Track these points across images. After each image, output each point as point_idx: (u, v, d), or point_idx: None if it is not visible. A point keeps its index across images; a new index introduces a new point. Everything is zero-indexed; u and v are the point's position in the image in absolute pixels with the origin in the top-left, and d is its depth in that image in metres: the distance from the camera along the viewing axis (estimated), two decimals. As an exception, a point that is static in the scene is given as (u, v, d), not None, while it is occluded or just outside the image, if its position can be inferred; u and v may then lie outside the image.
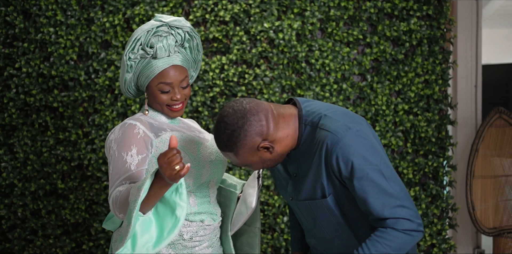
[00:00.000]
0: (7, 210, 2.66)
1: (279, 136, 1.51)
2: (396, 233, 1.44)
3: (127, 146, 1.62)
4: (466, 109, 3.39)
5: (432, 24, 2.66)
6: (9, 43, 2.67)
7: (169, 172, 1.38)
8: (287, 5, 2.65)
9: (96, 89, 2.65)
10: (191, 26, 1.72)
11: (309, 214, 1.59)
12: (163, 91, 1.66)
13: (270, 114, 1.50)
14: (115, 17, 2.63)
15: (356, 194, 1.47)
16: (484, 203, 3.02)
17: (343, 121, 1.49)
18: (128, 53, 1.65)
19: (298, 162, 1.58)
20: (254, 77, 2.66)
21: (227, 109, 1.49)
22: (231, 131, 1.47)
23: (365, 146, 1.46)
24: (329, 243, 1.62)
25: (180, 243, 1.69)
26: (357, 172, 1.44)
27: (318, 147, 1.49)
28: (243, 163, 1.53)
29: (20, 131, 2.65)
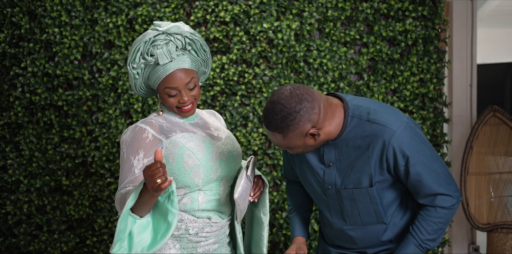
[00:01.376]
0: (13, 206, 2.72)
1: (325, 125, 1.62)
2: (444, 210, 1.67)
3: (135, 150, 1.68)
4: (461, 107, 3.45)
5: (427, 24, 2.73)
6: (15, 43, 2.74)
7: (151, 184, 1.46)
8: (286, 6, 2.72)
9: (100, 88, 2.72)
10: (191, 30, 1.73)
11: (349, 202, 1.71)
12: (170, 95, 1.71)
13: (322, 104, 1.59)
14: (118, 17, 2.70)
15: (410, 178, 1.64)
16: (478, 199, 3.08)
17: (392, 115, 1.64)
18: (131, 64, 1.70)
19: (337, 152, 1.68)
20: (253, 76, 2.73)
21: (284, 92, 1.56)
22: (287, 114, 1.55)
23: (414, 136, 1.63)
24: (361, 229, 1.75)
25: (185, 237, 1.74)
26: (412, 160, 1.62)
27: (371, 140, 1.62)
28: (286, 145, 1.62)
29: (26, 129, 2.72)
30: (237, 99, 2.71)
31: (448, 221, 1.69)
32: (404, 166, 1.63)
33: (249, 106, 2.73)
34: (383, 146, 1.61)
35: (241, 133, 2.72)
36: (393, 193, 1.72)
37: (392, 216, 1.74)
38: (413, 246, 1.68)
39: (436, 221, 1.67)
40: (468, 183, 3.07)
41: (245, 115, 2.72)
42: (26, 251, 2.73)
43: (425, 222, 1.68)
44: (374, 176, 1.65)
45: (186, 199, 1.74)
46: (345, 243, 1.82)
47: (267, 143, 2.75)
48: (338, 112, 1.64)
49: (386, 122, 1.62)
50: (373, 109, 1.65)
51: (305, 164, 1.75)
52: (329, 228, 1.83)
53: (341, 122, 1.64)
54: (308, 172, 1.75)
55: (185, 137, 1.72)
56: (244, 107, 2.73)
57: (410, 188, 1.70)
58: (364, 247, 1.80)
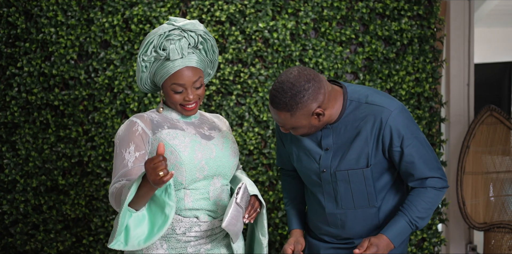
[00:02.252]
0: (9, 205, 2.73)
1: (329, 106, 1.69)
2: (435, 191, 1.74)
3: (126, 143, 1.70)
4: (458, 107, 3.45)
5: (422, 23, 2.73)
6: (11, 43, 2.74)
7: (153, 177, 1.47)
8: (282, 6, 2.72)
9: (96, 88, 2.72)
10: (205, 30, 1.74)
11: (344, 184, 1.76)
12: (176, 92, 1.71)
13: (326, 86, 1.67)
14: (114, 17, 2.70)
15: (403, 159, 1.72)
16: (475, 198, 3.08)
17: (389, 98, 1.73)
18: (142, 56, 1.70)
19: (335, 135, 1.74)
20: (249, 76, 2.73)
21: (292, 72, 1.63)
22: (296, 92, 1.60)
23: (410, 119, 1.73)
24: (352, 213, 1.80)
25: (173, 237, 1.73)
26: (406, 141, 1.70)
27: (369, 120, 1.70)
28: (292, 124, 1.66)
29: (22, 129, 2.73)
30: (233, 99, 2.71)
31: (436, 202, 1.76)
32: (399, 147, 1.70)
33: (244, 105, 2.73)
34: (380, 125, 1.68)
35: (237, 132, 2.72)
36: (385, 177, 1.78)
37: (382, 201, 1.80)
38: (404, 222, 1.73)
39: (426, 200, 1.73)
40: (464, 182, 3.07)
41: (241, 115, 2.72)
42: (22, 250, 2.74)
43: (416, 200, 1.74)
44: (371, 157, 1.71)
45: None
46: (333, 228, 1.84)
47: (262, 142, 2.75)
48: (338, 96, 1.72)
49: (383, 103, 1.70)
50: (371, 93, 1.74)
51: (301, 150, 1.80)
52: (320, 213, 1.85)
53: (340, 106, 1.72)
54: (305, 158, 1.80)
55: (170, 134, 1.72)
56: (240, 106, 2.74)
57: (402, 172, 1.76)
58: (351, 234, 1.83)
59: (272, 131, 2.73)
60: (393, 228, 1.73)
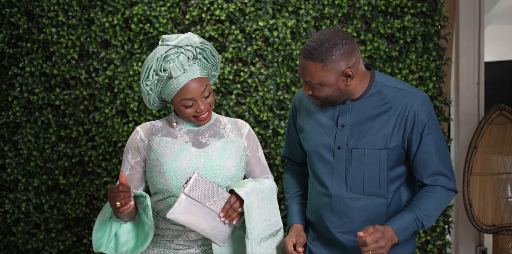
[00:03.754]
0: (11, 204, 2.75)
1: (356, 78, 1.69)
2: (444, 191, 1.71)
3: (127, 150, 1.77)
4: (468, 106, 3.37)
5: (426, 21, 2.67)
6: (14, 43, 2.76)
7: (112, 206, 1.54)
8: (282, 4, 2.68)
9: (96, 88, 2.73)
10: (201, 40, 1.72)
11: (357, 164, 1.71)
12: (186, 106, 1.69)
13: (359, 54, 1.69)
14: (114, 17, 2.70)
15: (420, 149, 1.70)
16: (483, 200, 3.00)
17: (417, 88, 1.75)
18: (144, 81, 1.69)
19: (353, 113, 1.73)
20: (249, 75, 2.70)
21: (330, 29, 1.67)
22: (334, 44, 1.63)
23: (433, 111, 1.73)
24: (360, 200, 1.73)
25: (163, 244, 1.73)
26: (427, 129, 1.69)
27: (394, 102, 1.69)
28: (320, 79, 1.65)
29: (24, 128, 2.74)
30: (233, 98, 2.69)
31: (445, 203, 1.72)
32: (419, 134, 1.68)
33: (244, 105, 2.71)
34: (406, 108, 1.68)
35: (237, 132, 2.69)
36: (400, 169, 1.74)
37: (393, 196, 1.74)
38: (411, 217, 1.68)
39: (435, 199, 1.70)
40: (471, 183, 2.99)
41: (241, 114, 2.70)
42: (24, 249, 2.76)
43: (425, 198, 1.70)
44: (390, 139, 1.69)
45: (162, 205, 1.73)
46: (336, 217, 1.74)
47: (263, 142, 2.72)
48: (366, 75, 1.73)
49: (411, 89, 1.72)
50: (399, 81, 1.76)
51: (315, 126, 1.78)
52: (324, 200, 1.75)
53: (365, 85, 1.72)
54: (318, 134, 1.77)
55: (160, 142, 1.72)
56: (240, 106, 2.71)
57: (416, 164, 1.72)
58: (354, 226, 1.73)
59: (272, 131, 2.70)
60: (399, 221, 1.67)
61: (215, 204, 1.62)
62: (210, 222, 1.61)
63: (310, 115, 1.81)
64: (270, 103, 2.67)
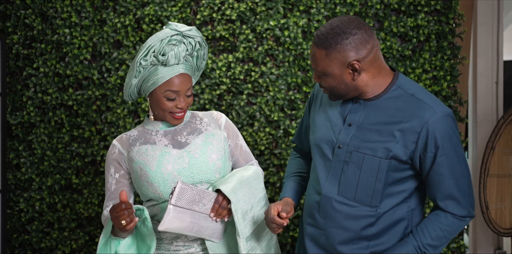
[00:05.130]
0: (26, 203, 2.79)
1: (368, 71, 1.57)
2: (454, 219, 1.59)
3: (108, 165, 1.76)
4: (486, 106, 3.30)
5: (440, 19, 2.62)
6: (28, 44, 2.80)
7: (117, 225, 1.53)
8: (293, 3, 2.66)
9: (109, 88, 2.75)
10: (202, 36, 1.74)
11: (354, 168, 1.60)
12: (169, 98, 1.67)
13: (375, 49, 1.55)
14: (126, 17, 2.72)
15: (433, 169, 1.56)
16: (500, 202, 2.93)
17: (439, 102, 1.58)
18: (140, 60, 1.65)
19: (364, 114, 1.61)
20: (260, 75, 2.69)
21: (348, 16, 1.56)
22: (341, 32, 1.52)
23: (455, 129, 1.57)
24: (348, 207, 1.61)
25: (162, 246, 1.73)
26: (442, 149, 1.55)
27: (409, 114, 1.55)
28: (323, 67, 1.56)
29: (38, 128, 2.78)
30: (244, 98, 2.68)
31: (454, 233, 1.60)
32: (433, 153, 1.55)
33: (255, 105, 2.69)
34: (420, 123, 1.54)
35: (248, 132, 2.68)
36: (404, 185, 1.61)
37: (389, 209, 1.61)
38: (412, 247, 1.58)
39: (442, 228, 1.59)
40: (488, 185, 2.92)
41: (252, 114, 2.68)
42: (38, 247, 2.79)
43: (432, 226, 1.59)
44: (396, 151, 1.55)
45: (156, 210, 1.72)
46: (321, 218, 1.65)
47: (274, 143, 2.70)
48: (386, 76, 1.60)
49: (431, 102, 1.56)
50: (422, 90, 1.61)
51: (324, 119, 1.69)
52: (315, 195, 1.66)
53: (384, 86, 1.60)
54: (324, 128, 1.67)
55: (140, 151, 1.71)
56: (251, 106, 2.70)
57: (427, 185, 1.60)
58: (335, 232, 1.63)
59: (283, 131, 2.68)
60: (398, 250, 1.58)
61: (204, 206, 1.61)
62: (202, 224, 1.61)
63: (323, 107, 1.72)
64: (281, 103, 2.66)
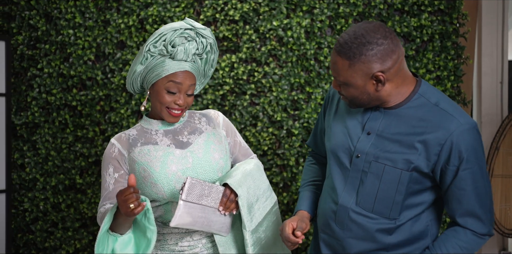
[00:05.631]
0: (30, 203, 2.80)
1: (392, 81, 1.50)
2: (474, 237, 1.53)
3: (106, 165, 1.73)
4: (491, 106, 3.28)
5: (444, 19, 2.61)
6: (33, 45, 2.81)
7: (124, 209, 1.49)
8: (296, 3, 2.66)
9: (112, 88, 2.76)
10: (215, 40, 1.74)
11: (373, 179, 1.54)
12: (169, 91, 1.66)
13: (401, 59, 1.48)
14: (130, 18, 2.73)
15: (455, 183, 1.50)
16: (505, 203, 2.92)
17: (464, 113, 1.51)
18: (150, 45, 1.65)
19: (384, 122, 1.54)
20: (263, 75, 2.69)
21: (373, 23, 1.47)
22: (366, 42, 1.44)
23: (479, 142, 1.50)
24: (366, 218, 1.56)
25: (167, 247, 1.72)
26: (466, 163, 1.48)
27: (432, 125, 1.48)
28: (346, 78, 1.49)
29: (42, 129, 2.79)
30: (247, 98, 2.68)
31: (472, 251, 1.55)
32: (455, 167, 1.49)
33: (258, 105, 2.69)
34: (444, 135, 1.47)
35: (251, 132, 2.68)
36: (422, 196, 1.56)
37: (407, 221, 1.56)
38: None
39: (461, 245, 1.53)
40: (492, 186, 2.91)
41: (255, 115, 2.68)
42: (42, 247, 2.81)
43: (450, 242, 1.53)
44: (418, 163, 1.49)
45: (160, 211, 1.72)
46: (338, 227, 1.60)
47: (277, 143, 2.70)
48: (409, 84, 1.53)
49: (456, 114, 1.49)
50: (446, 99, 1.54)
51: (341, 126, 1.62)
52: (331, 204, 1.61)
53: (406, 94, 1.52)
54: (341, 136, 1.61)
55: (142, 151, 1.69)
56: (254, 106, 2.70)
57: (448, 199, 1.53)
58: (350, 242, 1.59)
59: (286, 132, 2.68)
60: None
61: (213, 200, 1.62)
62: (211, 218, 1.62)
63: (340, 113, 1.66)
64: (284, 104, 2.66)
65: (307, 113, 2.64)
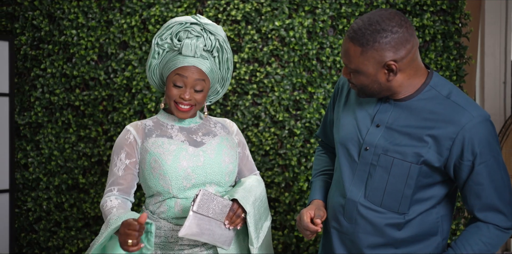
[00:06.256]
0: (33, 203, 2.82)
1: (405, 72, 1.47)
2: (497, 231, 1.48)
3: (119, 150, 1.73)
4: (493, 106, 3.27)
5: (446, 19, 2.60)
6: (36, 45, 2.83)
7: (121, 239, 1.48)
8: (298, 3, 2.66)
9: (115, 88, 2.77)
10: (225, 37, 1.73)
11: (382, 172, 1.51)
12: (175, 84, 1.69)
13: (415, 49, 1.45)
14: (132, 18, 2.73)
15: (472, 178, 1.47)
16: (508, 203, 2.91)
17: (476, 105, 1.48)
18: (157, 38, 1.70)
19: (394, 114, 1.52)
20: (265, 75, 2.69)
21: (389, 10, 1.45)
22: (381, 29, 1.41)
23: (494, 134, 1.47)
24: (374, 213, 1.53)
25: (167, 245, 1.72)
26: (481, 156, 1.45)
27: (443, 118, 1.46)
28: (357, 65, 1.46)
29: (45, 129, 2.80)
30: (249, 98, 2.68)
31: (497, 246, 1.50)
32: (470, 162, 1.46)
33: (260, 105, 2.70)
34: (455, 129, 1.44)
35: (253, 132, 2.69)
36: (433, 190, 1.53)
37: (417, 215, 1.52)
38: None
39: (485, 241, 1.48)
40: (495, 186, 2.90)
41: (257, 115, 2.69)
42: (45, 246, 2.82)
43: (473, 239, 1.49)
44: (428, 156, 1.47)
45: (163, 207, 1.72)
46: (346, 222, 1.57)
47: (279, 143, 2.70)
48: (421, 76, 1.50)
49: (468, 106, 1.46)
50: (458, 92, 1.51)
51: (350, 118, 1.60)
52: (339, 198, 1.59)
53: (417, 86, 1.50)
54: (350, 127, 1.58)
55: (156, 143, 1.71)
56: (256, 106, 2.70)
57: (466, 195, 1.50)
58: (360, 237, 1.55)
59: (288, 132, 2.68)
60: None
61: (220, 214, 1.64)
62: (217, 231, 1.63)
63: (350, 104, 1.63)
64: (286, 104, 2.66)
65: (309, 113, 2.64)
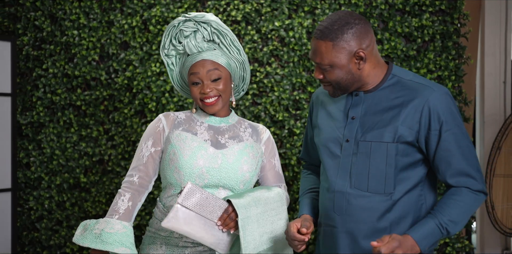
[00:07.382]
0: (35, 201, 2.84)
1: (370, 63, 1.63)
2: (470, 193, 1.60)
3: (147, 136, 1.77)
4: (493, 106, 3.28)
5: (445, 19, 2.61)
6: (38, 45, 2.85)
7: None
8: (298, 4, 2.68)
9: (116, 88, 2.79)
10: (217, 20, 1.73)
11: (363, 158, 1.63)
12: (193, 83, 1.72)
13: (374, 40, 1.63)
14: (133, 19, 2.76)
15: (440, 146, 1.59)
16: (507, 203, 2.92)
17: (437, 84, 1.66)
18: (162, 50, 1.75)
19: (365, 105, 1.66)
20: (265, 75, 2.71)
21: (345, 10, 1.65)
22: (346, 22, 1.59)
23: (454, 106, 1.63)
24: (363, 198, 1.62)
25: (172, 240, 1.73)
26: (446, 124, 1.59)
27: (408, 95, 1.61)
28: (330, 59, 1.60)
29: (47, 128, 2.83)
30: (249, 98, 2.70)
31: (473, 207, 1.60)
32: (437, 131, 1.59)
33: (260, 105, 2.71)
34: (420, 102, 1.60)
35: (253, 132, 2.70)
36: (415, 170, 1.63)
37: (403, 195, 1.62)
38: (433, 223, 1.56)
39: (461, 203, 1.58)
40: (494, 185, 2.91)
41: (257, 114, 2.71)
42: (47, 245, 2.84)
43: (449, 202, 1.59)
44: (401, 132, 1.60)
45: (173, 202, 1.72)
46: (337, 215, 1.64)
47: (279, 142, 2.72)
48: (383, 66, 1.67)
49: (429, 83, 1.63)
50: (417, 76, 1.68)
51: (327, 119, 1.73)
52: (328, 196, 1.67)
53: (381, 77, 1.66)
54: (328, 128, 1.71)
55: (180, 136, 1.73)
56: (256, 106, 2.72)
57: (437, 163, 1.61)
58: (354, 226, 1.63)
59: (288, 131, 2.70)
60: (419, 229, 1.55)
61: (212, 213, 1.62)
62: (208, 230, 1.62)
63: (324, 109, 1.77)
64: (286, 103, 2.68)
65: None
